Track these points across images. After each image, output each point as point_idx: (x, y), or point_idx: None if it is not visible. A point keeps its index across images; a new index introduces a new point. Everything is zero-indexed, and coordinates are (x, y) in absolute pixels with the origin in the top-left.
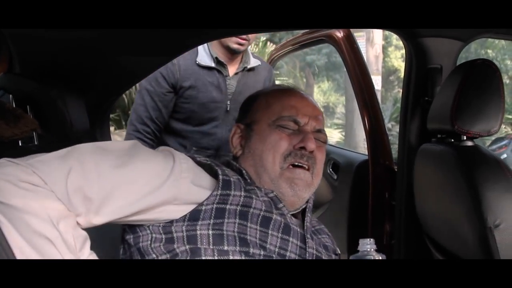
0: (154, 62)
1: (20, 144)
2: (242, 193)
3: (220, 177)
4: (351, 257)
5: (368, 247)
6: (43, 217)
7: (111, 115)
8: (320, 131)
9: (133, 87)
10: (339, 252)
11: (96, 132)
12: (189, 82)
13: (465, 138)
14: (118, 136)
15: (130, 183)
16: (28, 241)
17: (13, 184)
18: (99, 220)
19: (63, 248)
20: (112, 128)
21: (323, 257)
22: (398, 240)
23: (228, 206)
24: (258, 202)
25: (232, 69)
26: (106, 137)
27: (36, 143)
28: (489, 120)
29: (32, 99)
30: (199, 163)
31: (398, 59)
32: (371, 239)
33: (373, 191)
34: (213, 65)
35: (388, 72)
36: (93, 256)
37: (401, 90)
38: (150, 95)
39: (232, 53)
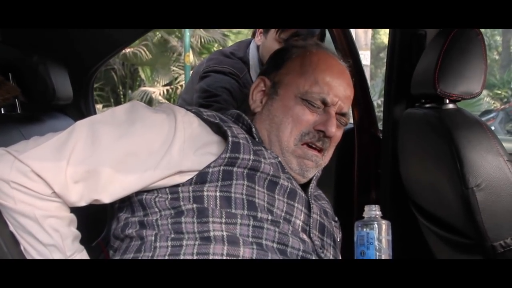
0: (138, 30)
1: (2, 112)
2: (251, 157)
3: (230, 139)
4: (356, 223)
5: (373, 213)
6: (31, 217)
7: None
8: (345, 114)
9: (127, 65)
10: (337, 219)
11: (80, 100)
12: None
13: (447, 101)
14: None
15: (132, 156)
16: (22, 238)
17: (6, 183)
18: (106, 199)
19: (52, 248)
20: (100, 106)
21: (325, 223)
22: (383, 207)
23: (235, 169)
24: (266, 166)
25: None
26: (90, 105)
27: (19, 111)
28: (471, 82)
29: (14, 66)
30: (206, 121)
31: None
32: (377, 205)
33: (359, 159)
34: None
35: (378, 49)
36: (84, 253)
37: None
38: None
39: None
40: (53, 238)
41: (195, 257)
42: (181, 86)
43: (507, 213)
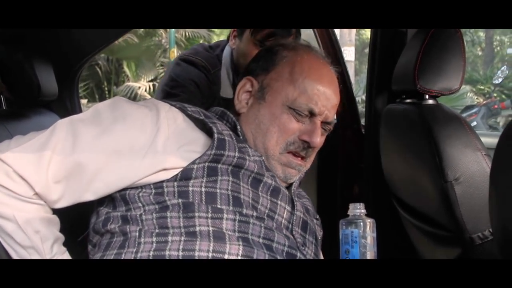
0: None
1: None
2: (236, 154)
3: (215, 136)
4: (341, 221)
5: (358, 211)
6: (10, 219)
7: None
8: (330, 123)
9: (112, 61)
10: (318, 217)
11: (65, 96)
12: None
13: (427, 97)
14: None
15: (115, 155)
16: (2, 239)
17: None
18: (90, 197)
19: (31, 250)
20: (85, 101)
21: (308, 221)
22: (366, 202)
23: (220, 165)
24: (251, 163)
25: None
26: (75, 101)
27: (4, 107)
28: (450, 79)
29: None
30: (191, 117)
31: None
32: (361, 204)
33: (342, 154)
34: None
35: (363, 45)
36: (65, 256)
37: None
38: None
39: None
40: (32, 241)
41: (180, 254)
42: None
43: (485, 206)
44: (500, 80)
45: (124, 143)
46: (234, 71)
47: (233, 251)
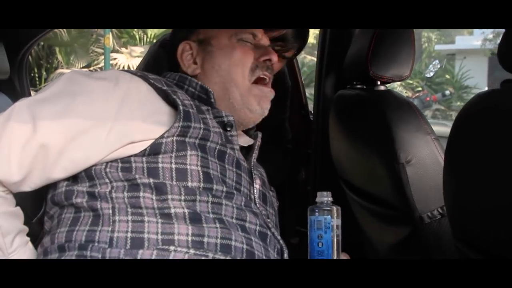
0: None
1: None
2: (201, 125)
3: (181, 107)
4: (312, 207)
5: (325, 199)
6: None
7: None
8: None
9: (44, 47)
10: (273, 189)
11: (14, 76)
12: None
13: (379, 83)
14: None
15: (78, 132)
16: None
17: None
18: (57, 176)
19: None
20: None
21: (266, 193)
22: (313, 186)
23: (187, 139)
24: (215, 135)
25: None
26: (24, 82)
27: None
28: (401, 66)
29: None
30: (153, 85)
31: None
32: (328, 192)
33: (290, 140)
34: None
35: None
36: (28, 247)
37: (307, 56)
38: None
39: None
40: None
41: (160, 237)
42: (100, 68)
43: (434, 187)
44: (432, 73)
45: (87, 118)
46: None
47: (212, 234)
